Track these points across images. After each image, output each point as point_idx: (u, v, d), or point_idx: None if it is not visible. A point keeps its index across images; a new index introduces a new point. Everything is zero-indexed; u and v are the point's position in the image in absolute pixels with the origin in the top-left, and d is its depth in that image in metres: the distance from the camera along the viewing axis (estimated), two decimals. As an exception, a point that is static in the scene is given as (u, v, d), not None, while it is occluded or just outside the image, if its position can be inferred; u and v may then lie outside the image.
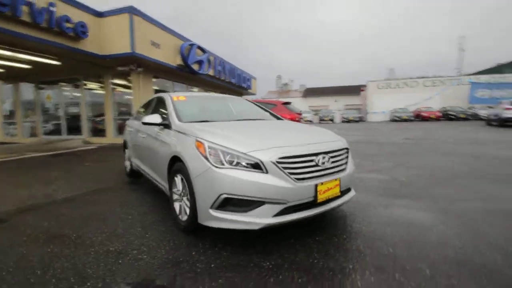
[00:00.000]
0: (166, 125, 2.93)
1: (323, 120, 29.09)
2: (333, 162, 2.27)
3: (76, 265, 1.93)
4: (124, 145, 4.94)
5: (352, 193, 2.52)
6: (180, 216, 2.48)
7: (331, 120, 29.36)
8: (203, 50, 11.53)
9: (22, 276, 1.81)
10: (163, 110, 3.52)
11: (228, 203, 1.99)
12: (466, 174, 4.37)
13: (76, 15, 7.24)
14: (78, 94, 10.76)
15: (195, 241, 2.24)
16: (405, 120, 25.68)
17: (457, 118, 24.25)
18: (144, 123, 3.08)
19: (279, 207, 1.97)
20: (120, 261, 1.97)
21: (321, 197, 2.12)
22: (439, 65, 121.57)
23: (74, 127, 10.79)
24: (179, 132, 2.60)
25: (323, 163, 2.18)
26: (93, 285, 1.69)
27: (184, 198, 2.39)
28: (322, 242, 2.19)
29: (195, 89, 13.69)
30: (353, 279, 1.68)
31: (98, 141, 10.09)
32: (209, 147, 2.11)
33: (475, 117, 23.56)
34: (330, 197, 2.20)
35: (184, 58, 10.17)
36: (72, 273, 1.83)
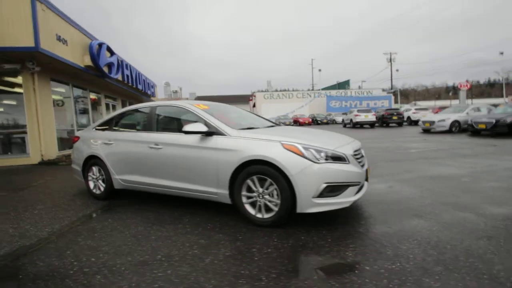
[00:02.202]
0: (210, 133, 3.00)
1: None
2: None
3: (247, 267, 1.94)
4: (85, 164, 4.09)
5: None
6: (259, 215, 2.72)
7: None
8: (111, 51, 10.14)
9: None
10: (182, 120, 3.47)
11: (325, 190, 2.52)
12: (378, 159, 6.40)
13: None
14: None
15: (290, 231, 2.59)
16: (288, 125, 30.77)
17: (322, 123, 31.38)
18: (187, 132, 3.00)
19: (357, 188, 2.69)
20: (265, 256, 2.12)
21: (368, 178, 2.99)
22: (303, 79, 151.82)
23: None
24: (245, 138, 2.82)
25: (363, 154, 3.07)
26: (282, 274, 1.86)
27: (266, 197, 2.67)
28: (359, 208, 3.06)
29: (93, 95, 11.63)
30: (398, 222, 2.63)
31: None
32: (304, 148, 2.56)
33: (333, 122, 31.31)
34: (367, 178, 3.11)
35: (95, 59, 8.67)
36: (256, 269, 1.87)
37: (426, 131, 13.92)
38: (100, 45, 9.20)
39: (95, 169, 4.01)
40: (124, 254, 2.31)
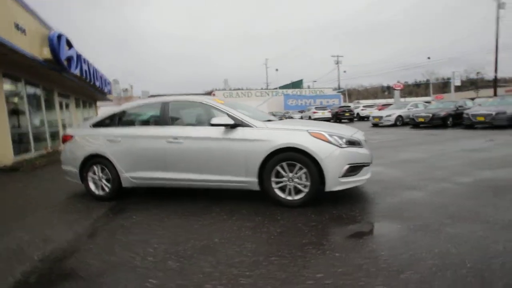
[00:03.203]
0: (235, 125, 3.20)
1: None
2: (363, 140, 3.75)
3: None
4: (84, 164, 3.85)
5: None
6: (289, 197, 3.04)
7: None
8: (70, 44, 9.21)
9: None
10: (200, 114, 3.59)
11: (348, 170, 2.96)
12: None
13: None
14: None
15: (319, 208, 2.96)
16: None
17: (280, 120, 32.83)
18: (214, 125, 3.15)
19: (369, 168, 3.20)
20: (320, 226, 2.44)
21: (372, 160, 3.53)
22: (258, 78, 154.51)
23: None
24: (274, 129, 3.10)
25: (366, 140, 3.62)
26: (336, 239, 2.20)
27: (296, 180, 3.00)
28: (363, 187, 3.61)
29: (44, 93, 10.38)
30: (400, 194, 3.25)
31: None
32: (329, 135, 2.96)
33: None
34: (370, 160, 3.66)
35: (55, 52, 7.78)
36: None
37: (375, 125, 15.75)
38: (60, 36, 8.30)
39: (96, 168, 3.82)
40: (180, 242, 2.40)
